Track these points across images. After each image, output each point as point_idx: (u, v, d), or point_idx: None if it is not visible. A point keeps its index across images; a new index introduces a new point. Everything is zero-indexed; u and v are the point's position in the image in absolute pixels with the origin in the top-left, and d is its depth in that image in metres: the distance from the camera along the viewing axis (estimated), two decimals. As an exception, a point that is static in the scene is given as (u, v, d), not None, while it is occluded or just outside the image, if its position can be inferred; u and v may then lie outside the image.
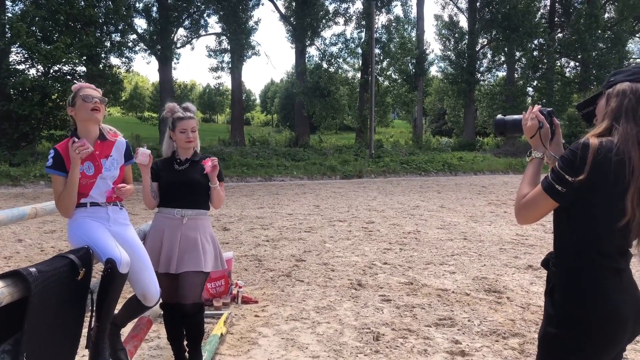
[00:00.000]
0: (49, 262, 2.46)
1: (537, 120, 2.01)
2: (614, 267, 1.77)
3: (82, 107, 2.87)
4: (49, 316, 2.37)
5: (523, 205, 1.89)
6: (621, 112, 1.78)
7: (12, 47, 21.34)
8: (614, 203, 1.74)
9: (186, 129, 3.48)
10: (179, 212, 3.48)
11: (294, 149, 26.31)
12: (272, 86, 73.63)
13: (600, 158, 1.71)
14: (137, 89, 66.63)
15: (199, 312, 3.46)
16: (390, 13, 32.64)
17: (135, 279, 2.97)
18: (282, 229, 9.42)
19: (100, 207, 2.93)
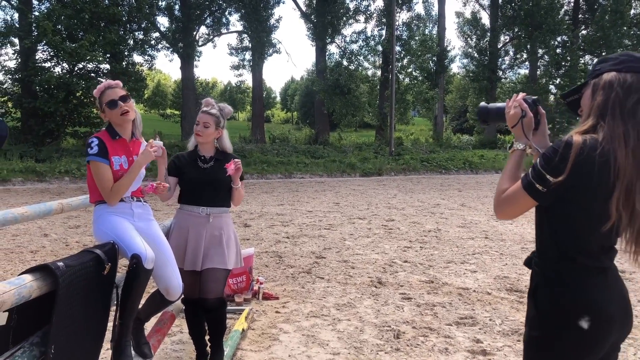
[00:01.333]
0: (76, 256, 2.51)
1: (519, 109, 1.89)
2: (597, 266, 1.70)
3: (111, 113, 2.94)
4: (75, 310, 2.42)
5: (502, 200, 1.79)
6: (607, 107, 1.67)
7: (39, 45, 21.71)
8: (597, 204, 1.65)
9: (199, 122, 3.52)
10: (204, 210, 3.51)
11: (313, 147, 26.34)
12: (292, 84, 73.73)
13: (583, 158, 1.61)
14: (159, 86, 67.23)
15: (222, 307, 3.50)
16: (411, 10, 32.48)
17: (158, 273, 3.02)
18: (302, 226, 9.45)
19: (125, 203, 2.98)
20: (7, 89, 22.09)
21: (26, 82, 21.12)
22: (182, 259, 3.47)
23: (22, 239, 7.99)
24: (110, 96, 2.96)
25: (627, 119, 1.64)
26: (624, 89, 1.66)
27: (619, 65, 1.70)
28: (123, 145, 3.01)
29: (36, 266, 2.22)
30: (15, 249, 7.27)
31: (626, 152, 1.61)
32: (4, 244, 7.58)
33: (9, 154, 18.33)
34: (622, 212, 1.61)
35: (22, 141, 20.58)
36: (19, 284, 2.07)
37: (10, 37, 22.42)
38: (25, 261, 6.57)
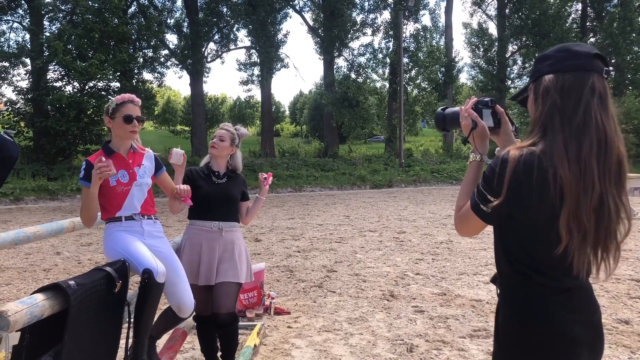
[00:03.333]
0: (87, 275, 2.52)
1: (470, 120, 1.77)
2: (557, 286, 1.55)
3: (121, 126, 2.96)
4: (87, 328, 2.43)
5: (458, 219, 1.70)
6: (547, 119, 1.53)
7: (50, 65, 22.01)
8: (543, 224, 1.51)
9: (216, 136, 3.64)
10: (216, 225, 3.56)
11: (323, 160, 26.38)
12: (301, 97, 74.04)
13: (519, 175, 1.48)
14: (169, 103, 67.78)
15: (234, 322, 3.50)
16: (418, 22, 32.61)
17: (170, 290, 3.02)
18: (313, 240, 9.43)
19: (135, 221, 2.99)
20: (19, 108, 22.37)
21: (38, 102, 21.37)
22: (196, 274, 3.49)
23: (35, 257, 8.04)
24: (130, 111, 2.98)
25: (566, 127, 1.49)
26: (562, 93, 1.52)
27: (556, 65, 1.55)
28: (120, 160, 3.00)
29: (48, 285, 2.23)
30: (29, 268, 7.31)
31: (569, 166, 1.45)
32: (18, 263, 7.63)
33: (21, 173, 18.51)
34: (573, 231, 1.46)
35: (34, 160, 20.79)
36: (30, 303, 2.08)
37: (22, 57, 22.78)
38: (38, 280, 6.60)
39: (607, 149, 1.48)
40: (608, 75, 1.55)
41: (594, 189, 1.46)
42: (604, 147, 1.48)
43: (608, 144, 1.48)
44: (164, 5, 29.18)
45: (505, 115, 1.83)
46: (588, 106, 1.49)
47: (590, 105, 1.49)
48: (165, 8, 29.11)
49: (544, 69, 1.58)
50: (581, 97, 1.50)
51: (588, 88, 1.50)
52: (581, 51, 1.55)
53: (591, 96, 1.50)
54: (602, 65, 1.54)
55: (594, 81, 1.51)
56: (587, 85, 1.50)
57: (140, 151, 3.12)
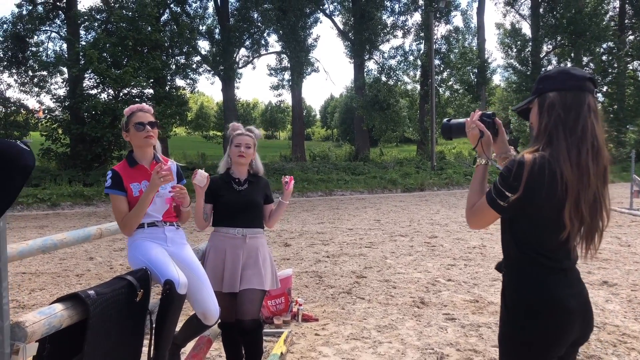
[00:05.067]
0: (108, 283, 2.51)
1: (477, 130, 2.08)
2: (556, 266, 1.88)
3: (135, 135, 2.96)
4: (108, 338, 2.40)
5: (472, 213, 1.99)
6: (552, 129, 1.85)
7: (85, 73, 22.50)
8: (551, 215, 1.83)
9: (240, 144, 3.57)
10: (240, 231, 3.53)
11: (354, 163, 26.26)
12: (331, 101, 74.09)
13: (534, 174, 1.79)
14: (202, 108, 68.68)
15: (258, 329, 3.45)
16: (450, 23, 32.27)
17: (194, 298, 3.00)
18: (343, 245, 9.35)
19: (158, 227, 2.98)
20: (57, 116, 22.91)
21: (74, 109, 21.85)
22: (220, 281, 3.47)
23: (68, 262, 8.17)
24: (140, 118, 2.99)
25: (568, 136, 1.82)
26: (565, 108, 1.84)
27: (559, 85, 1.88)
28: (142, 172, 3.02)
29: (67, 295, 2.22)
30: (62, 273, 7.43)
31: (572, 168, 1.79)
32: (52, 268, 7.77)
33: (58, 179, 18.95)
34: (575, 221, 1.81)
35: (71, 166, 21.26)
36: (49, 313, 2.06)
37: (60, 66, 23.36)
38: (70, 285, 6.70)
39: (598, 154, 1.84)
40: (595, 95, 1.92)
41: (591, 186, 1.82)
42: (596, 152, 1.83)
43: (599, 151, 1.84)
44: (196, 12, 29.57)
45: (502, 126, 2.16)
46: (586, 120, 1.84)
47: (587, 119, 1.84)
48: (198, 15, 29.48)
49: (547, 87, 1.90)
50: (580, 113, 1.84)
51: (586, 105, 1.85)
52: (578, 74, 1.89)
53: (588, 112, 1.85)
54: (593, 88, 1.89)
55: (589, 100, 1.86)
56: (585, 103, 1.85)
57: (163, 162, 3.11)
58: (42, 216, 14.71)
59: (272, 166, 23.42)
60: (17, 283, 6.85)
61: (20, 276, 7.27)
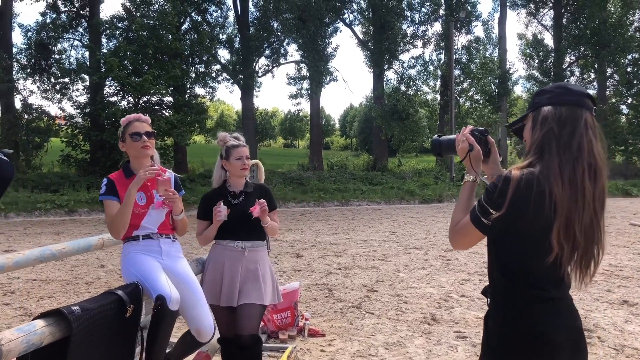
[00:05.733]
0: (96, 298, 2.43)
1: (467, 143, 1.96)
2: (543, 295, 1.73)
3: (131, 145, 2.89)
4: (95, 354, 2.32)
5: (456, 231, 1.85)
6: (544, 143, 1.72)
7: (106, 80, 22.75)
8: (538, 236, 1.69)
9: (242, 156, 3.48)
10: (239, 244, 3.44)
11: (371, 173, 26.10)
12: (351, 110, 74.06)
13: (520, 192, 1.66)
14: (222, 116, 69.14)
15: (257, 344, 3.36)
16: (471, 34, 32.01)
17: (189, 314, 2.91)
18: (355, 257, 9.21)
19: (153, 239, 2.90)
20: (77, 122, 23.17)
21: (94, 116, 22.08)
22: (218, 294, 3.38)
23: (79, 270, 8.17)
24: (137, 128, 2.93)
25: (562, 152, 1.68)
26: (559, 123, 1.71)
27: (554, 99, 1.75)
28: None
29: (49, 311, 2.14)
30: (72, 280, 7.41)
31: (562, 185, 1.65)
32: (62, 275, 7.76)
33: (77, 185, 19.12)
34: (564, 244, 1.66)
35: (90, 173, 21.45)
36: (28, 330, 1.99)
37: (81, 74, 23.67)
38: (79, 293, 6.67)
39: (596, 175, 1.69)
40: (595, 114, 1.77)
41: (586, 208, 1.66)
42: (594, 173, 1.68)
43: (597, 172, 1.69)
44: (216, 21, 29.79)
45: (495, 146, 2.04)
46: (582, 136, 1.69)
47: (584, 136, 1.69)
48: (218, 24, 29.69)
49: (543, 101, 1.77)
50: (576, 128, 1.70)
51: (583, 121, 1.71)
52: (576, 90, 1.76)
53: (585, 128, 1.70)
54: (591, 105, 1.76)
55: (586, 117, 1.73)
56: (581, 119, 1.71)
57: (161, 172, 3.04)
58: (58, 222, 14.83)
59: (289, 175, 23.36)
60: (26, 290, 6.85)
61: (31, 283, 7.27)
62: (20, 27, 26.31)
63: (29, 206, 16.11)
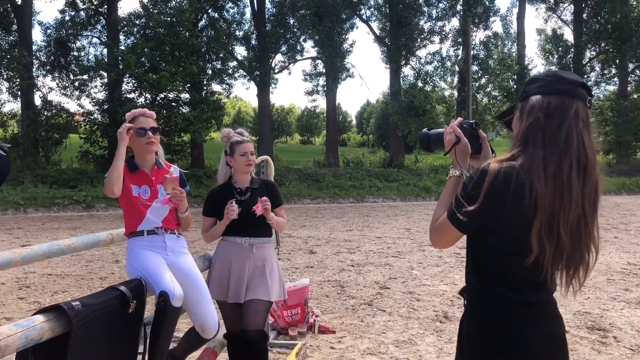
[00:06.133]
0: (98, 294, 2.42)
1: (454, 135, 1.85)
2: (520, 299, 1.60)
3: (136, 140, 2.88)
4: (97, 350, 2.31)
5: (434, 229, 1.74)
6: (529, 135, 1.58)
7: (124, 77, 22.93)
8: (516, 235, 1.57)
9: (246, 152, 3.45)
10: (247, 241, 3.43)
11: (387, 170, 25.96)
12: (368, 107, 73.83)
13: (498, 186, 1.54)
14: (240, 113, 69.37)
15: (262, 340, 3.35)
16: (489, 29, 31.63)
17: (193, 310, 2.90)
18: (369, 253, 9.16)
19: (157, 235, 2.89)
20: (95, 119, 23.39)
21: (112, 112, 22.26)
22: (225, 291, 3.38)
23: (94, 265, 8.23)
24: (142, 123, 2.91)
25: (547, 144, 1.55)
26: (546, 113, 1.57)
27: (544, 88, 1.62)
28: (143, 176, 2.94)
29: (49, 306, 2.14)
30: (86, 275, 7.48)
31: (545, 181, 1.51)
32: (77, 270, 7.83)
33: (95, 181, 19.30)
34: (546, 244, 1.51)
35: (107, 169, 21.57)
36: (27, 326, 1.98)
37: (100, 71, 23.88)
38: (92, 288, 6.72)
39: (586, 171, 1.53)
40: (590, 105, 1.61)
41: (573, 206, 1.51)
42: (584, 169, 1.53)
43: (588, 167, 1.54)
44: (233, 17, 29.83)
45: (487, 141, 1.92)
46: (571, 128, 1.54)
47: (573, 128, 1.54)
48: (234, 20, 29.72)
49: (532, 90, 1.64)
50: (565, 119, 1.55)
51: (572, 112, 1.56)
52: (569, 78, 1.62)
53: (575, 120, 1.55)
54: (585, 95, 1.61)
55: (578, 107, 1.57)
56: (571, 109, 1.56)
57: (166, 168, 3.03)
58: (76, 217, 14.99)
59: (304, 171, 23.34)
60: (41, 284, 6.92)
61: (46, 277, 7.34)
62: (39, 25, 26.85)
63: (48, 201, 16.31)
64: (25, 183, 18.11)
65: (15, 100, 24.25)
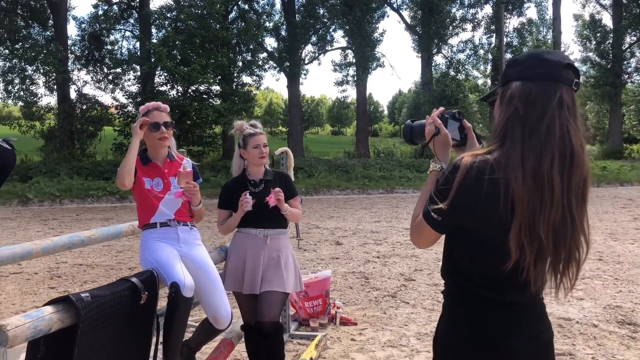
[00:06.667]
0: (109, 285, 2.45)
1: (433, 126, 1.71)
2: (497, 299, 1.50)
3: (150, 135, 2.89)
4: (107, 341, 2.34)
5: (413, 228, 1.62)
6: (507, 128, 1.46)
7: (156, 70, 23.23)
8: (493, 236, 1.45)
9: (259, 144, 3.44)
10: (261, 232, 3.43)
11: (418, 160, 25.67)
12: (400, 97, 73.20)
13: (470, 182, 1.42)
14: (271, 104, 69.64)
15: (278, 331, 3.35)
16: (523, 15, 30.95)
17: (206, 301, 2.92)
18: (396, 245, 9.09)
19: (170, 227, 2.91)
20: (129, 111, 23.79)
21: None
22: (241, 282, 3.39)
23: (124, 255, 8.40)
24: (156, 118, 2.92)
25: (527, 138, 1.41)
26: (526, 103, 1.44)
27: (525, 72, 1.48)
28: (155, 169, 2.96)
29: (59, 297, 2.17)
30: (116, 266, 7.63)
31: (523, 179, 1.38)
32: (107, 261, 8.00)
33: (129, 173, 19.65)
34: (526, 248, 1.39)
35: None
36: (36, 316, 2.01)
37: (132, 64, 24.26)
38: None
39: (572, 164, 1.41)
40: (577, 88, 1.47)
41: (555, 205, 1.39)
42: (569, 161, 1.41)
43: (574, 159, 1.41)
44: (263, 9, 29.87)
45: (472, 131, 1.79)
46: (554, 119, 1.41)
47: (556, 118, 1.41)
48: (264, 12, 29.77)
49: (514, 74, 1.51)
50: (547, 109, 1.42)
51: (555, 100, 1.42)
52: (553, 60, 1.47)
53: (558, 108, 1.42)
54: (572, 77, 1.47)
55: (562, 93, 1.44)
56: (554, 97, 1.43)
57: (178, 160, 3.04)
58: (109, 208, 15.31)
59: (334, 162, 23.29)
60: (72, 274, 7.10)
61: (77, 267, 7.52)
62: (74, 20, 27.34)
63: (82, 193, 16.69)
64: (61, 175, 18.57)
65: (52, 94, 24.86)
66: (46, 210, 14.81)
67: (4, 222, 12.01)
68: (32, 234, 10.20)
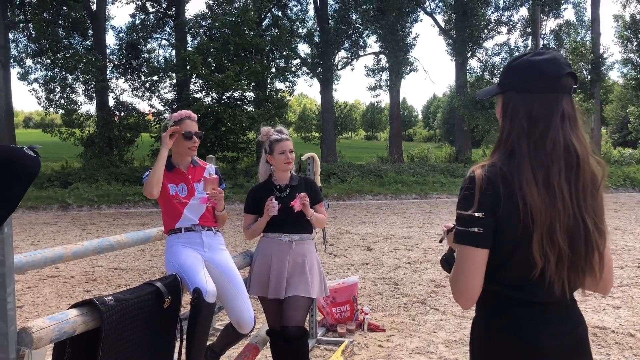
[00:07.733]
0: (134, 289, 2.50)
1: None
2: (527, 300, 1.52)
3: (181, 143, 2.94)
4: (130, 345, 2.39)
5: (453, 281, 1.56)
6: (514, 141, 1.51)
7: (191, 77, 23.62)
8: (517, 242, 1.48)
9: (285, 150, 3.46)
10: (286, 237, 3.45)
11: (453, 165, 25.41)
12: (434, 101, 72.57)
13: (489, 191, 1.47)
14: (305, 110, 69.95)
15: (303, 336, 3.36)
16: (560, 17, 30.33)
17: (229, 305, 2.95)
18: (427, 251, 9.00)
19: (195, 232, 2.95)
20: (165, 119, 24.18)
21: (181, 112, 22.96)
22: (266, 287, 3.41)
23: (158, 259, 8.54)
24: (188, 127, 2.98)
25: (532, 152, 1.47)
26: (530, 120, 1.49)
27: (525, 85, 1.51)
28: (180, 175, 3.01)
29: (83, 301, 2.23)
30: (149, 270, 7.77)
31: (538, 191, 1.44)
32: (141, 265, 8.15)
33: (164, 179, 20.01)
34: (550, 255, 1.45)
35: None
36: (61, 319, 2.07)
37: (168, 71, 24.73)
38: (154, 281, 6.96)
39: (579, 170, 1.47)
40: (575, 92, 1.53)
41: (566, 211, 1.45)
42: (576, 169, 1.47)
43: (580, 166, 1.47)
44: (296, 15, 30.07)
45: None
46: (557, 133, 1.47)
47: (560, 131, 1.47)
48: (298, 18, 29.95)
49: (514, 84, 1.54)
50: (550, 125, 1.48)
51: (558, 115, 1.48)
52: (551, 73, 1.49)
53: (561, 121, 1.48)
54: (571, 83, 1.52)
55: (563, 105, 1.49)
56: (557, 111, 1.48)
57: (202, 165, 3.09)
58: (146, 214, 15.59)
59: (367, 167, 23.22)
60: (107, 278, 7.26)
61: (112, 271, 7.69)
62: (112, 29, 27.96)
63: (119, 198, 17.07)
64: (100, 181, 19.03)
65: (91, 102, 25.48)
66: (85, 215, 15.20)
67: (45, 227, 12.38)
68: (70, 238, 10.49)
